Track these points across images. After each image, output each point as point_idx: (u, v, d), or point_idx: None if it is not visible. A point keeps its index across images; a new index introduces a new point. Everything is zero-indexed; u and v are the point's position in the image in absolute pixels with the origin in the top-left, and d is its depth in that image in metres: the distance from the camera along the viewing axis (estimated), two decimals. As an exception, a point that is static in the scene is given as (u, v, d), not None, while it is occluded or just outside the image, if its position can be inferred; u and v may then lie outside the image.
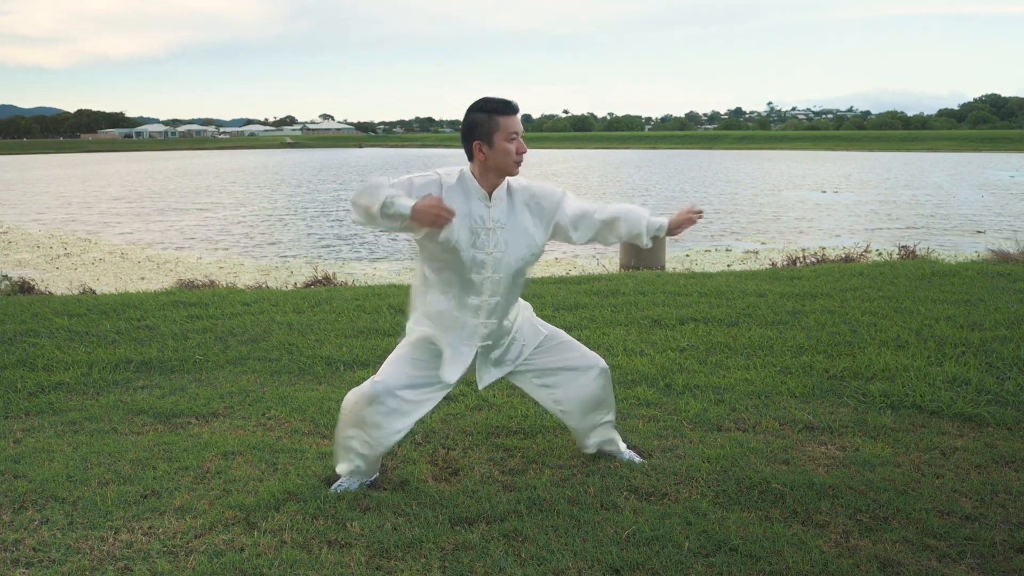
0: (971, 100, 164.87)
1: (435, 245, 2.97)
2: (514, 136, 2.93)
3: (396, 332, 5.71)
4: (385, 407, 3.10)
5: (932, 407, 4.12)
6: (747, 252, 15.31)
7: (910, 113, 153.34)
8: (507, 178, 3.06)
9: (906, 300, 6.46)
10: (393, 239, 17.18)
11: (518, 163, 2.99)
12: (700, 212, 3.23)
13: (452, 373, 3.15)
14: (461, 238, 2.97)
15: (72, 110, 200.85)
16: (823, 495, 3.16)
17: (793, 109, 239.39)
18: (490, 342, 3.19)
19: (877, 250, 12.57)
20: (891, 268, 8.22)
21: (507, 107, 2.94)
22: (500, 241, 3.02)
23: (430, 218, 2.73)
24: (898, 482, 3.26)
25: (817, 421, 3.97)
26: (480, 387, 3.28)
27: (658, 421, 4.03)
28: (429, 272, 3.12)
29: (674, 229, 3.21)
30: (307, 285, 8.86)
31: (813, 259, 9.94)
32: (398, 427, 3.15)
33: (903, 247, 10.66)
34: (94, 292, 8.69)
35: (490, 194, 3.02)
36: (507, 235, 3.03)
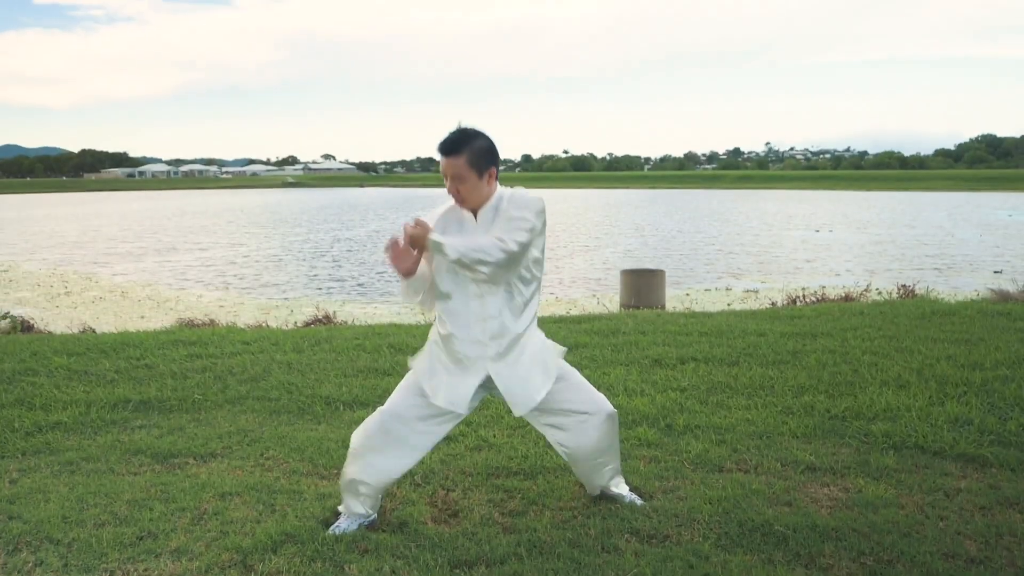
0: (967, 140, 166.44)
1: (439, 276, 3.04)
2: (445, 178, 2.98)
3: (396, 371, 5.70)
4: (392, 435, 3.10)
5: (935, 448, 4.09)
6: (747, 291, 15.34)
7: (907, 153, 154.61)
8: (498, 192, 3.06)
9: (907, 339, 6.45)
10: (390, 279, 17.20)
11: (459, 204, 3.04)
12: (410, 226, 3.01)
13: (453, 398, 3.11)
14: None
15: (76, 150, 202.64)
16: (826, 537, 3.12)
17: (791, 149, 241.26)
18: (503, 364, 3.11)
19: (877, 289, 12.56)
20: (891, 307, 8.22)
21: (439, 146, 2.98)
22: None
23: (416, 241, 2.87)
24: (902, 524, 3.23)
25: (819, 462, 3.94)
26: (516, 414, 3.19)
27: (659, 462, 4.00)
28: (438, 302, 3.15)
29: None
30: (307, 324, 8.85)
31: (813, 298, 9.96)
32: (404, 459, 3.14)
33: (903, 286, 10.67)
34: (94, 331, 8.69)
35: (476, 214, 3.05)
36: None
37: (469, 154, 2.92)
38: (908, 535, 3.13)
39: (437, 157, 3.01)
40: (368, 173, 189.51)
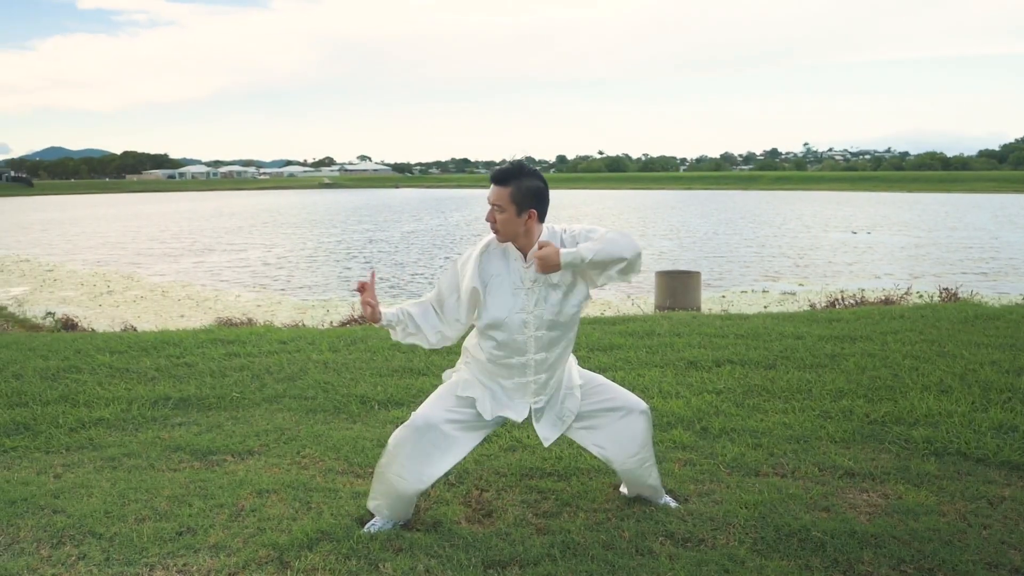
0: (1012, 141, 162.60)
1: (486, 315, 3.07)
2: (489, 203, 3.01)
3: (431, 372, 5.73)
4: (426, 441, 3.12)
5: (978, 454, 4.01)
6: (784, 294, 15.16)
7: (949, 154, 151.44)
8: (546, 230, 3.06)
9: (949, 344, 6.32)
10: (424, 280, 17.28)
11: (493, 231, 3.05)
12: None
13: (497, 410, 3.18)
14: (503, 302, 3.03)
15: (118, 152, 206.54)
16: (865, 544, 3.07)
17: (830, 150, 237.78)
18: (544, 397, 3.22)
19: (918, 292, 12.36)
20: (933, 311, 8.07)
21: (491, 173, 3.03)
22: (539, 299, 3.05)
23: (548, 263, 2.91)
24: (943, 532, 3.17)
25: (858, 467, 3.88)
26: (546, 445, 3.29)
27: (694, 465, 3.97)
28: (477, 333, 3.18)
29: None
30: (343, 324, 8.93)
31: (852, 301, 9.80)
32: (437, 465, 3.16)
33: (945, 289, 10.45)
34: (135, 329, 8.85)
35: (525, 254, 3.04)
36: (544, 291, 3.05)
37: (515, 189, 2.94)
38: (950, 543, 3.07)
39: (470, 158, 3.04)
40: (403, 174, 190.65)
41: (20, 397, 5.16)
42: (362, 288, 3.07)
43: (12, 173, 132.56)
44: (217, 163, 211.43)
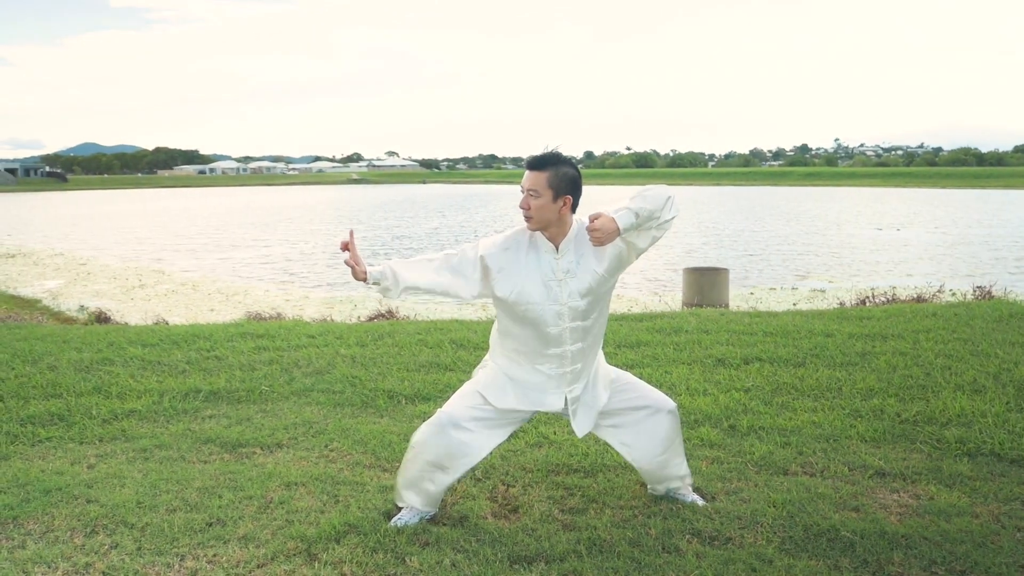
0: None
1: (512, 305, 3.05)
2: (522, 191, 2.99)
3: (458, 367, 5.75)
4: (451, 439, 3.13)
5: (1012, 455, 3.94)
6: (814, 291, 14.99)
7: (984, 149, 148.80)
8: (576, 222, 3.06)
9: (983, 343, 6.22)
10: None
11: (526, 218, 3.02)
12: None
13: (527, 403, 3.18)
14: (534, 293, 3.02)
15: (150, 147, 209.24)
16: (896, 545, 3.04)
17: (861, 145, 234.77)
18: (579, 385, 3.21)
19: (951, 290, 12.17)
20: (966, 309, 7.94)
21: (527, 160, 3.02)
22: (572, 290, 3.04)
23: (605, 234, 2.92)
24: (976, 534, 3.12)
25: (889, 467, 3.84)
26: (580, 435, 3.29)
27: (722, 463, 3.94)
28: (508, 323, 3.16)
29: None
30: (370, 319, 8.98)
31: (883, 299, 9.67)
32: (462, 462, 3.17)
33: (979, 287, 10.28)
34: (166, 322, 8.97)
35: (557, 246, 3.04)
36: (578, 283, 3.04)
37: (552, 174, 2.94)
38: (983, 545, 3.03)
39: (497, 154, 3.03)
40: (431, 170, 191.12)
41: (55, 388, 5.26)
42: (345, 247, 3.06)
43: (47, 169, 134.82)
44: (247, 159, 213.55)
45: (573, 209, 3.02)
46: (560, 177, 2.94)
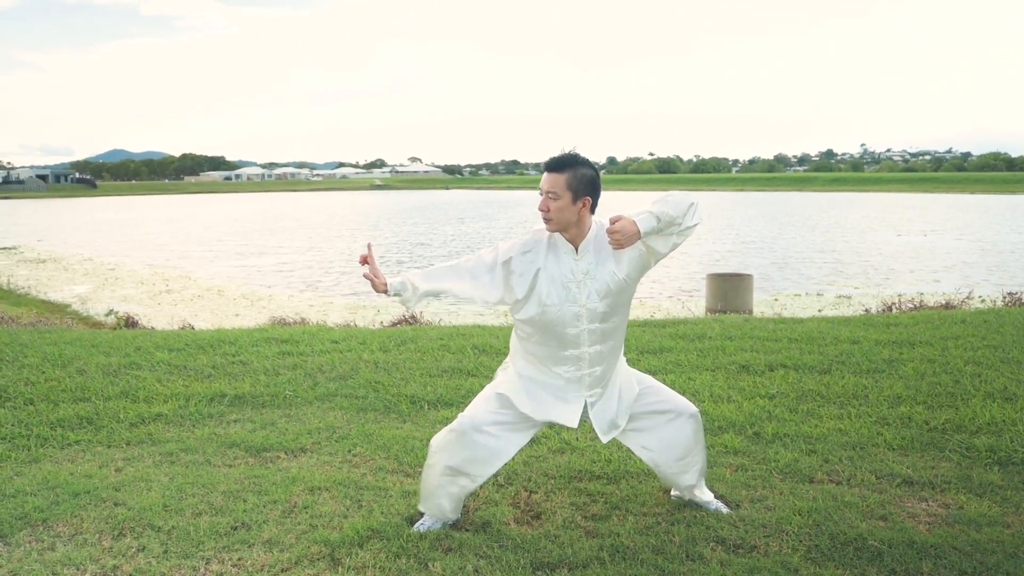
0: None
1: (531, 309, 3.05)
2: (541, 194, 2.98)
3: (480, 372, 5.75)
4: (472, 443, 3.13)
5: (1044, 465, 3.87)
6: (839, 297, 14.84)
7: (1014, 154, 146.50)
8: (595, 224, 3.06)
9: (1013, 350, 6.12)
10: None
11: (545, 220, 3.01)
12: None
13: (543, 413, 3.16)
14: (553, 294, 3.01)
15: (177, 154, 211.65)
16: (925, 555, 2.99)
17: (888, 150, 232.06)
18: (599, 390, 3.19)
19: (980, 297, 11.99)
20: (996, 316, 7.82)
21: (545, 162, 3.01)
22: (591, 292, 3.03)
23: (626, 237, 2.87)
24: (1008, 544, 3.07)
25: (917, 476, 3.78)
26: (604, 440, 3.27)
27: (746, 470, 3.91)
28: (527, 328, 3.15)
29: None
30: (393, 324, 9.01)
31: (910, 305, 9.56)
32: (484, 467, 3.17)
33: (1009, 294, 10.13)
34: (192, 327, 9.05)
35: (577, 247, 3.03)
36: (597, 284, 3.04)
37: (571, 175, 2.94)
38: (1014, 556, 2.98)
39: (520, 159, 3.03)
40: (453, 175, 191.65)
41: (83, 392, 5.33)
42: (364, 261, 3.07)
43: (77, 175, 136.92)
44: (272, 165, 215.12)
45: (592, 210, 3.02)
46: (579, 179, 2.94)
